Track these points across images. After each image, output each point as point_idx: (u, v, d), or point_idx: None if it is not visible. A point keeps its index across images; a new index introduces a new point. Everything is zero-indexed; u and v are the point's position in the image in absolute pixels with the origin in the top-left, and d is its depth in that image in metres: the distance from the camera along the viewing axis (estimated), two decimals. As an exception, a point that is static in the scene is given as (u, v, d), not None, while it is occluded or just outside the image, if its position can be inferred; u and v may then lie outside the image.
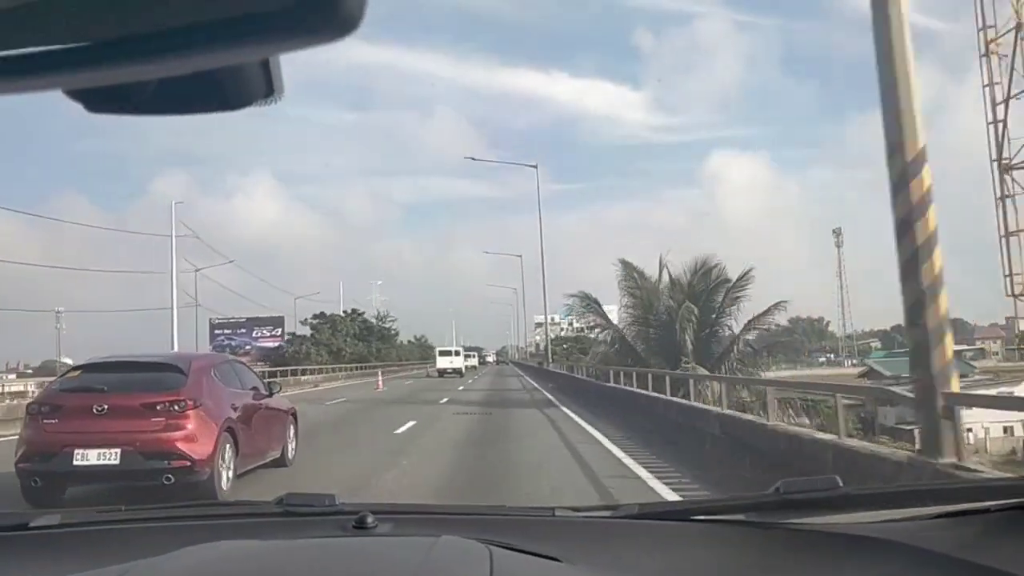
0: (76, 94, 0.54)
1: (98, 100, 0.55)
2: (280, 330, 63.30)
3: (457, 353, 55.81)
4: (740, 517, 1.38)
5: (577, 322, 46.59)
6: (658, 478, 8.09)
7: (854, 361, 77.45)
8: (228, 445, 7.23)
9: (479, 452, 10.77)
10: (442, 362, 53.31)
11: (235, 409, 7.63)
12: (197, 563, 1.05)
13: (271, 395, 8.99)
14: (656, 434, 11.56)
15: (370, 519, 1.29)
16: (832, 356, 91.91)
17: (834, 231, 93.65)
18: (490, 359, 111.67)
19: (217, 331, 59.90)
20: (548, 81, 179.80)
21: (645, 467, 8.91)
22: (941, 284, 4.82)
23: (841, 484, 1.30)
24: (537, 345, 75.35)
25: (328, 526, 1.35)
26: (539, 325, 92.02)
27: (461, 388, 31.21)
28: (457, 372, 50.68)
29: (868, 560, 1.18)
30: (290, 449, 9.33)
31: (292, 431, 9.51)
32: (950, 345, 4.86)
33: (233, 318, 61.08)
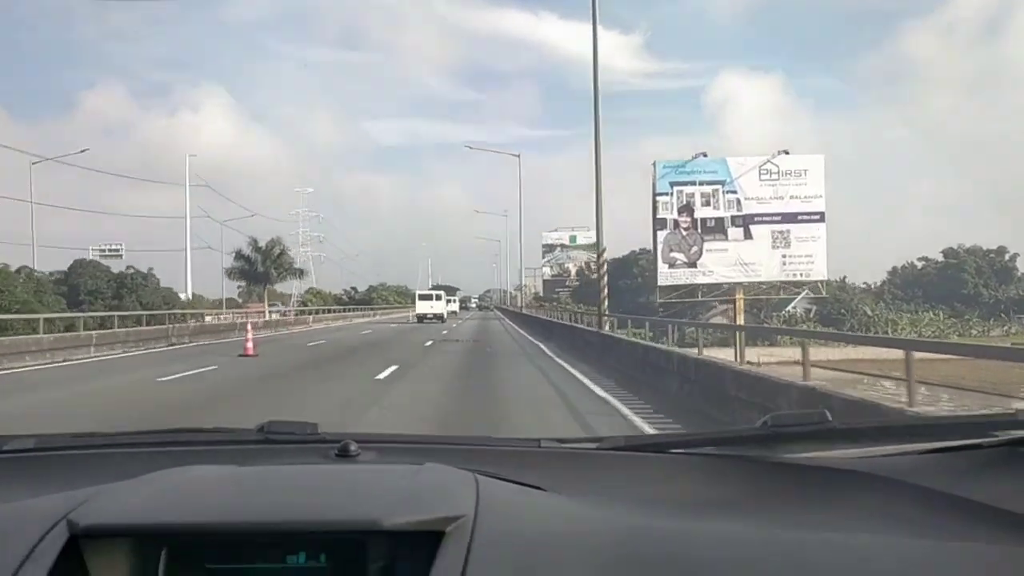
0: None
1: None
2: None
3: (438, 297, 54.92)
4: (727, 450, 1.43)
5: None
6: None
7: None
8: None
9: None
10: (421, 307, 52.67)
11: None
12: (171, 486, 1.08)
13: None
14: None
15: (353, 447, 1.33)
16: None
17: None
18: (472, 304, 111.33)
19: None
20: (536, 22, 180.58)
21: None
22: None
23: (830, 418, 1.34)
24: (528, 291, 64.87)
25: (310, 454, 1.40)
26: (547, 249, 74.70)
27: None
28: (438, 318, 50.95)
29: (856, 494, 1.22)
30: None
31: None
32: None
33: None
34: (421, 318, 51.06)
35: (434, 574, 0.86)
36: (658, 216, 25.84)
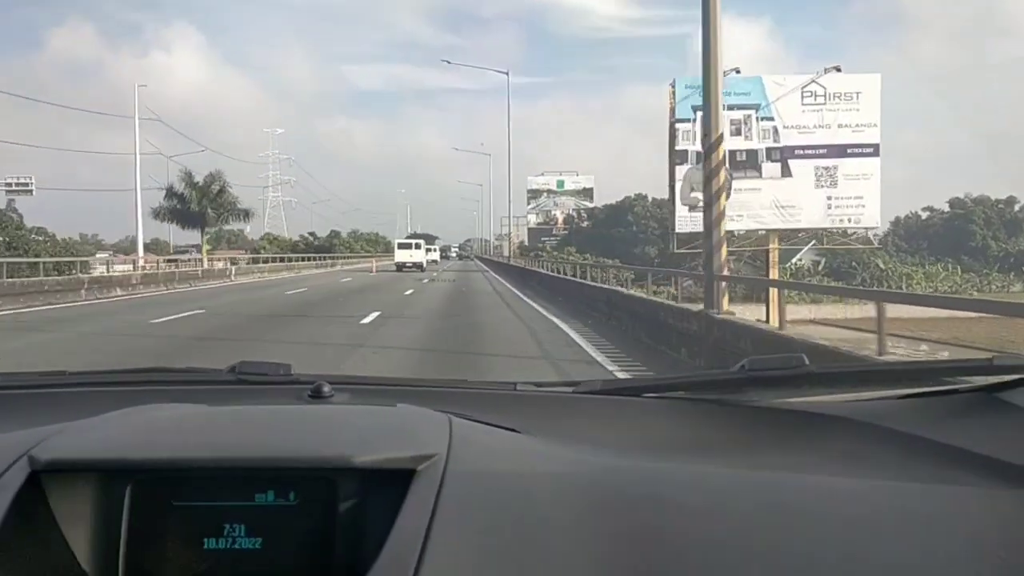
0: None
1: None
2: None
3: (418, 246, 54.54)
4: (704, 394, 1.43)
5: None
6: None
7: None
8: None
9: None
10: (401, 255, 52.78)
11: None
12: (138, 423, 1.08)
13: None
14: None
15: (326, 388, 1.31)
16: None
17: None
18: (452, 254, 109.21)
19: None
20: None
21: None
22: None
23: (807, 362, 1.34)
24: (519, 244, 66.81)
25: (282, 395, 1.38)
26: (532, 195, 70.09)
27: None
28: (418, 267, 50.75)
29: (832, 437, 1.22)
30: None
31: None
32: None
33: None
34: (400, 267, 50.54)
35: (404, 512, 0.86)
36: (677, 148, 21.18)
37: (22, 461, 0.91)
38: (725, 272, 10.63)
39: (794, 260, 54.79)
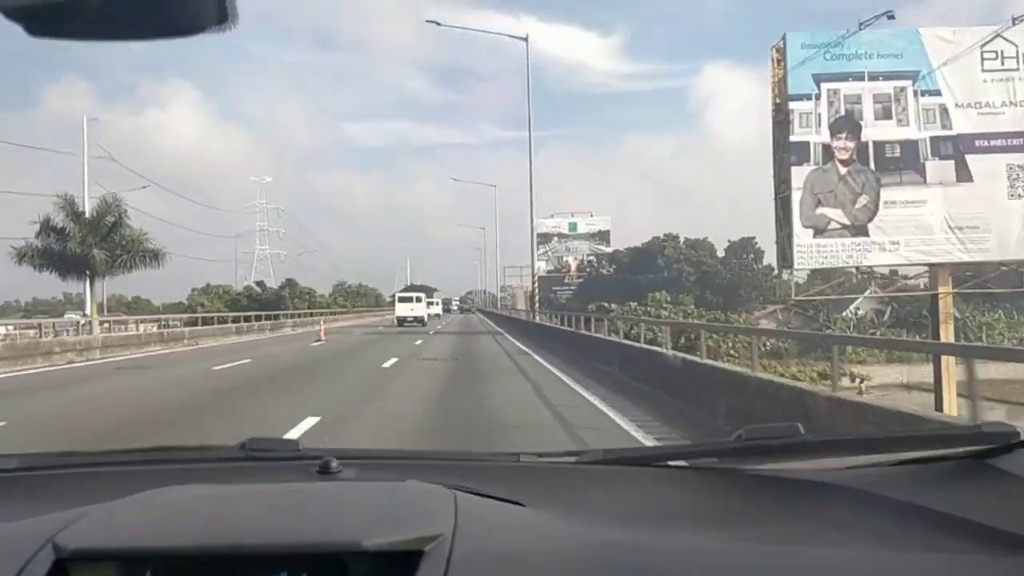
0: (15, 14, 0.55)
1: (40, 22, 0.55)
2: None
3: (419, 300, 52.74)
4: (702, 463, 1.48)
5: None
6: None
7: None
8: None
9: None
10: (401, 309, 51.14)
11: None
12: (156, 507, 1.11)
13: None
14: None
15: (334, 464, 1.36)
16: None
17: None
18: (454, 307, 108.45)
19: None
20: (516, 24, 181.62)
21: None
22: None
23: (802, 431, 1.37)
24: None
25: (292, 471, 1.42)
26: (542, 239, 62.90)
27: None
28: (419, 321, 49.60)
29: (826, 505, 1.25)
30: None
31: None
32: None
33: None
34: (401, 321, 48.89)
35: None
36: (791, 138, 13.95)
37: (47, 548, 0.94)
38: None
39: (851, 308, 47.81)
